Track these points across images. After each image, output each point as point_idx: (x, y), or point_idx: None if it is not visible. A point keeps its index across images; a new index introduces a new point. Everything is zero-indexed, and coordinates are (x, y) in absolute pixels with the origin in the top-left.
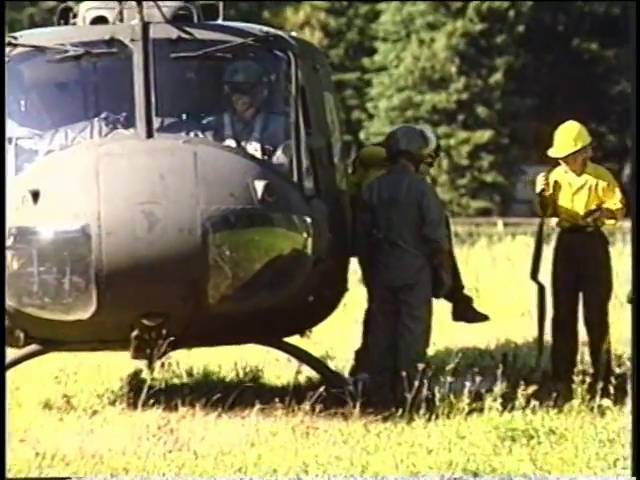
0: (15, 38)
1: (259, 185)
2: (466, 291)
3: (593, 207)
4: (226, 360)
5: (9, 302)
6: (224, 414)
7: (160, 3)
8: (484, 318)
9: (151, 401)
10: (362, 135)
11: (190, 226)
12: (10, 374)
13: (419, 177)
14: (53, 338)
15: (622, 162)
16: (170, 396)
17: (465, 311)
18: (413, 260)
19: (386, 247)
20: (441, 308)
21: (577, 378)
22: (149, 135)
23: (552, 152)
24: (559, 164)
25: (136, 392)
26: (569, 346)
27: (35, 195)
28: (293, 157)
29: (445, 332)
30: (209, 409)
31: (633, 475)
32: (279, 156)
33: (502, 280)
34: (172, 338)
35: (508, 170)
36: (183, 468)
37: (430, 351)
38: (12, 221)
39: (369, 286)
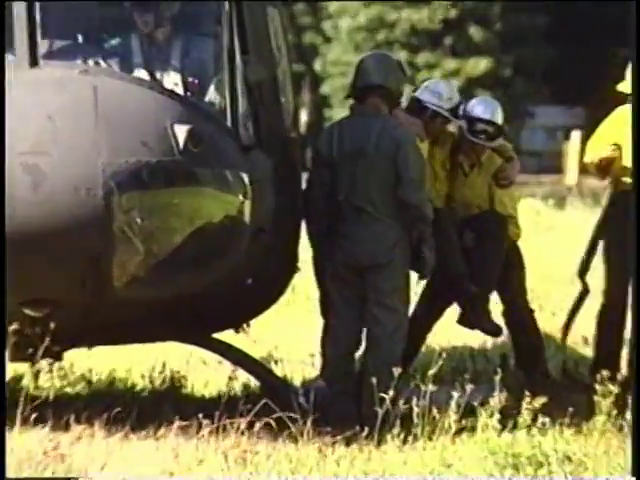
0: None
1: (180, 130)
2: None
3: None
4: (137, 363)
5: None
6: (133, 434)
7: None
8: (497, 331)
9: (34, 417)
10: (317, 64)
11: (88, 184)
12: None
13: (394, 121)
14: None
15: None
16: (61, 410)
17: (478, 317)
18: (385, 231)
19: (349, 213)
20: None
21: (599, 387)
22: (33, 63)
23: (624, 87)
24: (613, 105)
25: (15, 405)
26: (617, 342)
27: None
28: (225, 93)
29: None
30: (113, 428)
31: (633, 475)
32: (207, 92)
33: None
34: (64, 333)
35: (511, 111)
36: None
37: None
38: None
39: (323, 265)
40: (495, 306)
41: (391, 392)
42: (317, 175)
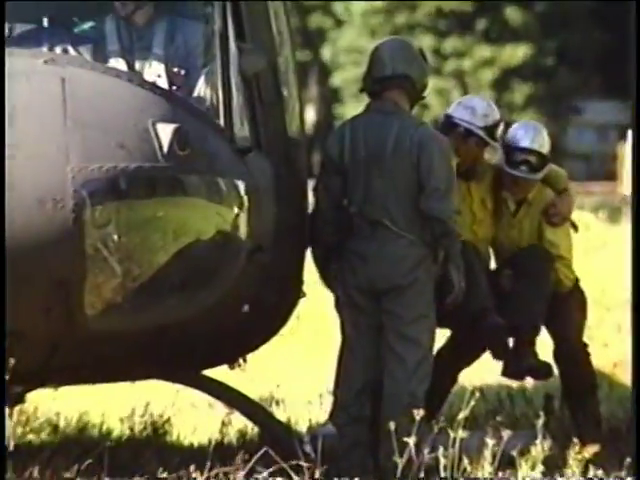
0: None
1: (164, 130)
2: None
3: None
4: (113, 405)
5: None
6: None
7: None
8: (549, 372)
9: None
10: (327, 52)
11: (55, 195)
12: None
13: (416, 119)
14: None
15: None
16: (23, 462)
17: (523, 359)
18: (405, 248)
19: (363, 228)
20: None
21: None
22: None
23: None
24: None
25: None
26: None
27: None
28: (218, 87)
29: None
30: None
31: (633, 475)
32: (195, 85)
33: None
34: (26, 371)
35: (555, 107)
36: None
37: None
38: None
39: (335, 289)
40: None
41: (413, 439)
42: (326, 183)
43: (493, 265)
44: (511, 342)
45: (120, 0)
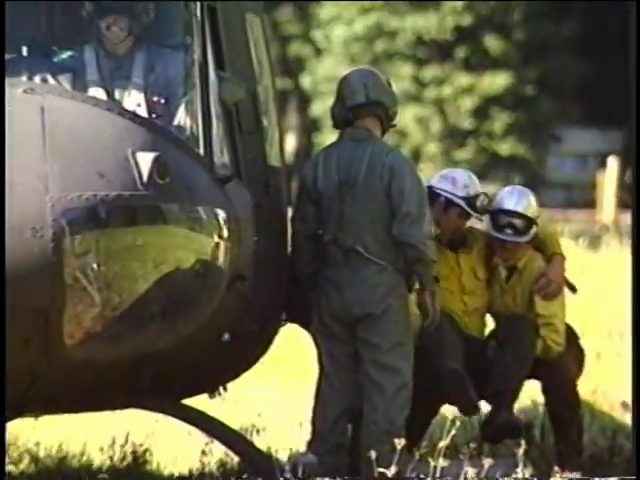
0: None
1: (144, 159)
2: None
3: None
4: (93, 435)
5: None
6: None
7: None
8: (519, 433)
9: None
10: (306, 80)
11: (34, 223)
12: None
13: (388, 146)
14: None
15: None
16: None
17: (498, 417)
18: (378, 275)
19: (338, 256)
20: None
21: None
22: None
23: None
24: None
25: None
26: None
27: None
28: (197, 116)
29: None
30: None
31: (633, 475)
32: (175, 114)
33: None
34: (6, 400)
35: (535, 136)
36: None
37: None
38: None
39: (310, 318)
40: None
41: (393, 468)
42: (300, 212)
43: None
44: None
45: (114, 27)
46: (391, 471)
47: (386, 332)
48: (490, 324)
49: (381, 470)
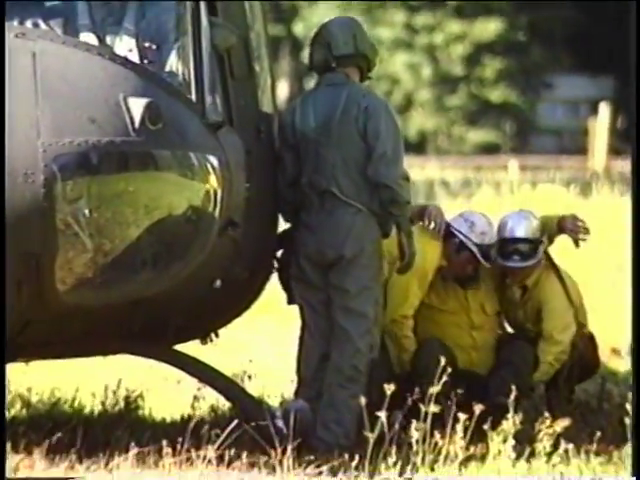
0: None
1: (136, 105)
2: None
3: None
4: (84, 380)
5: None
6: (79, 465)
7: None
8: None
9: None
10: (299, 27)
11: (26, 169)
12: None
13: (364, 89)
14: None
15: None
16: None
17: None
18: (351, 217)
19: (313, 199)
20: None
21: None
22: None
23: None
24: None
25: None
26: None
27: None
28: (189, 61)
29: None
30: (56, 457)
31: (633, 475)
32: (166, 60)
33: None
34: None
35: (526, 82)
36: None
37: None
38: None
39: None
40: None
41: (383, 413)
42: (280, 160)
43: None
44: None
45: None
46: (382, 416)
47: (356, 277)
48: None
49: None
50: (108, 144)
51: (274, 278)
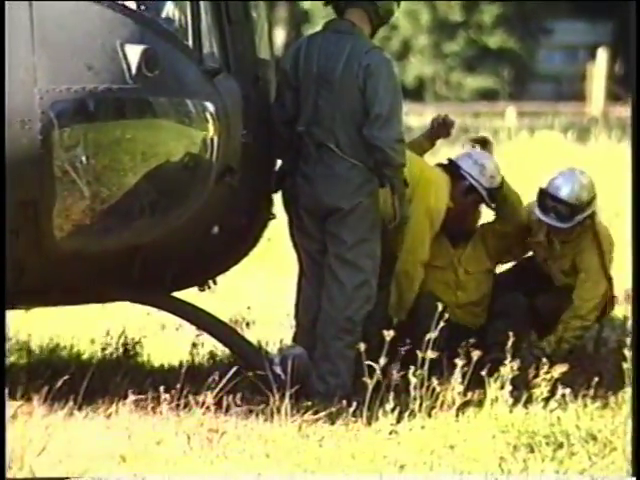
0: None
1: (133, 51)
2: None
3: None
4: (83, 327)
5: None
6: (78, 411)
7: None
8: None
9: None
10: None
11: (22, 116)
12: None
13: (370, 43)
14: None
15: None
16: None
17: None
18: (348, 172)
19: (310, 149)
20: None
21: (629, 353)
22: None
23: None
24: None
25: None
26: None
27: None
28: (186, 8)
29: None
30: (55, 404)
31: (633, 475)
32: (163, 6)
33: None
34: None
35: (524, 28)
36: None
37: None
38: None
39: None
40: None
41: (382, 360)
42: (279, 97)
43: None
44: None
45: None
46: (380, 363)
47: (352, 228)
48: None
49: (369, 363)
50: (105, 91)
51: (271, 225)
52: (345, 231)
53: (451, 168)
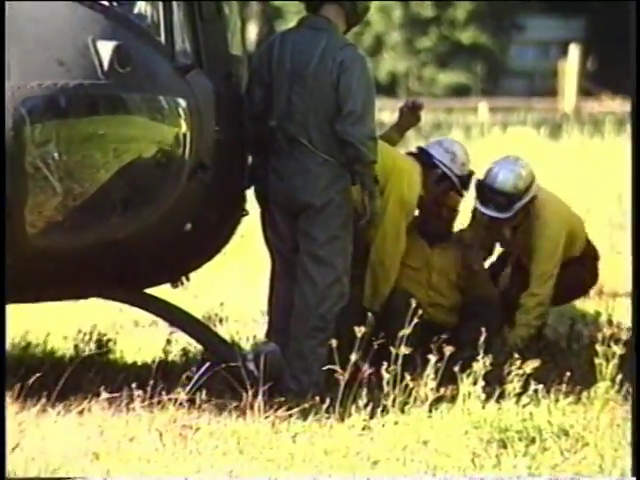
0: None
1: (105, 47)
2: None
3: None
4: (56, 324)
5: None
6: (51, 408)
7: None
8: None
9: None
10: None
11: None
12: None
13: (344, 40)
14: None
15: None
16: None
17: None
18: (319, 168)
19: (282, 144)
20: None
21: (601, 348)
22: None
23: None
24: None
25: None
26: None
27: None
28: (158, 4)
29: None
30: (27, 401)
31: (633, 475)
32: (135, 2)
33: None
34: None
35: (496, 24)
36: None
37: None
38: None
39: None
40: None
41: (354, 355)
42: (250, 95)
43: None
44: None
45: None
46: (351, 359)
47: (324, 225)
48: None
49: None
50: (77, 87)
51: (244, 221)
52: (317, 228)
53: (422, 157)
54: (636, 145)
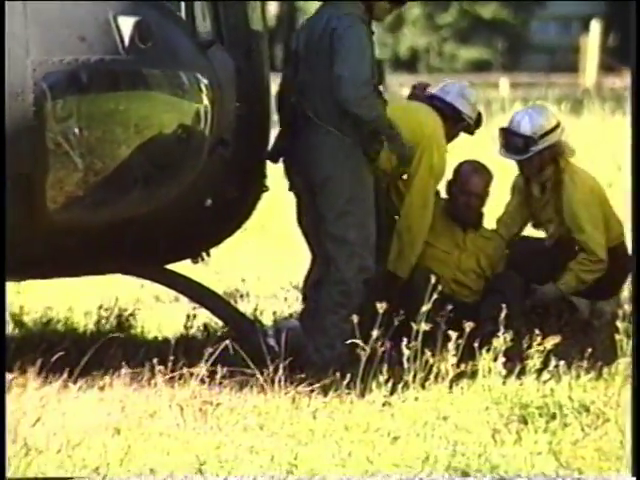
0: None
1: (125, 23)
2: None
3: None
4: (77, 300)
5: None
6: (72, 384)
7: None
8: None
9: None
10: None
11: (15, 88)
12: None
13: (345, 9)
14: None
15: None
16: None
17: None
18: (321, 141)
19: (298, 120)
20: None
21: (622, 324)
22: None
23: None
24: None
25: None
26: None
27: None
28: None
29: None
30: (49, 376)
31: (633, 475)
32: None
33: (510, 175)
34: None
35: (517, 1)
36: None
37: None
38: None
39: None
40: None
41: (375, 332)
42: (284, 74)
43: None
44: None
45: None
46: (373, 335)
47: (329, 203)
48: None
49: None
50: (98, 63)
51: (265, 197)
52: (326, 206)
53: (436, 103)
54: (636, 145)
